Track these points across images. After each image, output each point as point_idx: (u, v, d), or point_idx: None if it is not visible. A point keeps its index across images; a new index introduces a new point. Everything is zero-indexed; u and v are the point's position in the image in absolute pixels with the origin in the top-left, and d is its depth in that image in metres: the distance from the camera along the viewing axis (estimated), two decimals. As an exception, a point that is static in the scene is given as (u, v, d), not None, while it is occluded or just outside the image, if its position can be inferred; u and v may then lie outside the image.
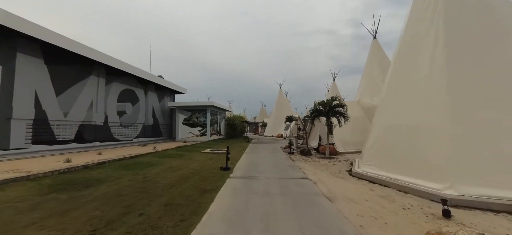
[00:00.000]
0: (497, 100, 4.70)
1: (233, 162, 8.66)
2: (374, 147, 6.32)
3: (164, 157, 9.37)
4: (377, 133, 6.42)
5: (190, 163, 8.35)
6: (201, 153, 10.98)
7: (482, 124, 4.64)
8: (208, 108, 19.95)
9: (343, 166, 8.06)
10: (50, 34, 9.66)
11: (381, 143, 6.14)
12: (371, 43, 15.22)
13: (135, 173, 6.52)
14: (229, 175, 6.41)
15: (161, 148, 12.37)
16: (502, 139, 4.44)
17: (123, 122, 15.29)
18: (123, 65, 14.10)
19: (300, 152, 11.12)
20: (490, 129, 4.57)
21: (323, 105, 9.42)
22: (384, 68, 14.18)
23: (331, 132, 9.23)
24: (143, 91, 17.66)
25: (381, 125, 6.38)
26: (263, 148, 14.19)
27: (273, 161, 9.00)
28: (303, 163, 8.64)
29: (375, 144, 6.33)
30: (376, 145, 6.29)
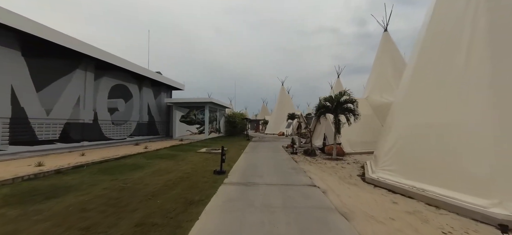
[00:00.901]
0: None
1: (230, 163, 7.76)
2: (394, 150, 5.38)
3: (153, 158, 8.48)
4: (397, 132, 5.48)
5: (182, 165, 7.46)
6: (196, 153, 10.09)
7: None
8: (207, 104, 19.04)
9: (353, 169, 7.13)
10: (26, 22, 8.72)
11: (403, 145, 5.20)
12: (382, 36, 14.16)
13: (115, 179, 5.63)
14: (223, 180, 5.51)
15: (154, 147, 11.49)
16: None
17: (115, 120, 14.42)
18: (113, 58, 13.17)
19: (304, 152, 10.20)
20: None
21: (330, 101, 8.46)
22: (396, 63, 13.20)
23: (339, 131, 8.30)
24: (137, 86, 16.76)
25: (403, 124, 5.42)
26: (264, 147, 13.28)
27: (274, 162, 8.09)
28: (308, 165, 7.72)
29: (395, 146, 5.39)
30: (396, 147, 5.35)
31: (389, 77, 12.81)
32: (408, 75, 6.04)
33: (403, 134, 5.34)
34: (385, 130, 6.82)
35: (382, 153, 5.77)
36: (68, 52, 10.78)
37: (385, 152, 5.62)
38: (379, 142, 7.17)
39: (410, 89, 5.67)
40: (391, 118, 6.71)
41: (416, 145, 4.90)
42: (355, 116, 8.28)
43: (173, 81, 20.97)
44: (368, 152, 10.51)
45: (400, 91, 6.62)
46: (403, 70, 13.37)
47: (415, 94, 5.45)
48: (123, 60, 14.04)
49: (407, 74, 6.28)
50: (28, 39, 9.14)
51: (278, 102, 33.71)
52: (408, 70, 6.22)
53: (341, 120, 8.35)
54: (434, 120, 4.69)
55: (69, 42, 10.49)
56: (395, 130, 5.62)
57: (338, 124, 8.26)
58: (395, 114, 6.09)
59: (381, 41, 14.11)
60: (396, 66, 13.03)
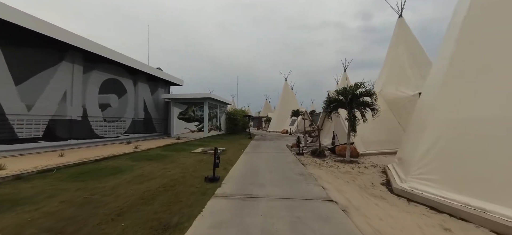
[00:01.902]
0: None
1: (227, 166, 6.67)
2: (433, 153, 4.18)
3: (140, 160, 7.44)
4: (436, 131, 4.27)
5: (170, 168, 6.39)
6: (191, 154, 9.02)
7: None
8: (206, 100, 17.97)
9: (374, 175, 5.95)
10: (2, 8, 7.73)
11: (447, 147, 4.01)
12: (396, 23, 12.79)
13: (83, 188, 4.59)
14: (215, 190, 4.42)
15: (145, 147, 10.48)
16: None
17: (107, 117, 13.45)
18: (103, 50, 12.15)
19: (311, 152, 9.04)
20: None
21: (343, 94, 7.26)
22: (413, 52, 11.86)
23: (354, 129, 7.10)
24: (132, 81, 15.75)
25: (445, 120, 4.21)
26: (267, 147, 12.15)
27: (278, 165, 6.96)
28: (318, 169, 6.57)
29: (434, 148, 4.19)
30: (436, 149, 4.16)
31: (405, 67, 11.49)
32: (446, 63, 4.79)
33: (445, 132, 4.13)
34: (413, 129, 5.61)
35: (414, 157, 4.57)
36: (52, 43, 9.78)
37: (420, 156, 4.42)
38: (404, 143, 5.98)
39: (450, 77, 4.44)
40: (420, 113, 5.50)
41: (467, 146, 3.70)
42: (373, 111, 7.07)
43: (171, 76, 19.93)
44: (384, 152, 9.31)
45: (432, 81, 5.40)
46: (422, 60, 12.13)
47: (460, 83, 4.23)
48: (115, 52, 13.02)
49: (442, 62, 5.04)
50: (4, 27, 8.14)
51: (281, 98, 32.46)
52: (442, 52, 4.98)
53: (356, 117, 7.15)
54: (494, 113, 3.48)
55: (53, 31, 9.48)
56: (432, 129, 4.41)
57: (354, 121, 7.06)
58: (429, 109, 4.86)
59: (396, 28, 12.74)
60: (413, 55, 11.70)
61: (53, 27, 9.49)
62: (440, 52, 5.57)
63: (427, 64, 11.73)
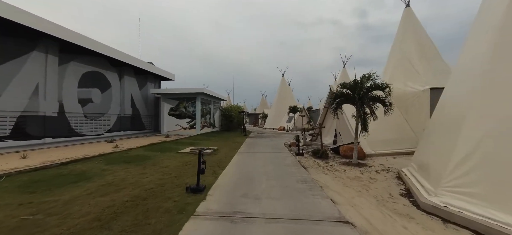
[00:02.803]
0: None
1: (217, 170, 5.72)
2: (474, 160, 3.31)
3: (116, 162, 6.41)
4: (480, 132, 3.38)
5: (148, 174, 5.39)
6: (177, 154, 8.01)
7: None
8: (199, 96, 16.88)
9: (389, 182, 5.07)
10: None
11: (496, 153, 3.12)
12: (403, 13, 11.90)
13: (28, 202, 3.58)
14: (197, 206, 3.47)
15: (128, 146, 9.42)
16: None
17: (89, 113, 12.28)
18: (82, 39, 10.94)
19: (312, 153, 8.14)
20: None
21: (351, 88, 6.33)
22: (422, 44, 10.99)
23: (365, 128, 6.19)
24: (117, 75, 14.54)
25: (493, 117, 3.31)
26: (263, 145, 11.22)
27: (276, 170, 6.03)
28: (322, 174, 5.67)
29: (475, 154, 3.31)
30: (478, 155, 3.28)
31: (414, 61, 10.64)
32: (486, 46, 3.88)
33: (492, 133, 3.24)
34: (438, 128, 4.73)
35: (447, 163, 3.68)
36: (19, 30, 8.58)
37: (455, 162, 3.53)
38: (425, 144, 5.11)
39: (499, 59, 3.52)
40: (448, 110, 4.62)
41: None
42: (386, 108, 6.18)
43: (162, 70, 18.73)
44: (392, 153, 8.50)
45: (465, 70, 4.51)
46: (431, 53, 11.29)
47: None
48: (96, 42, 11.80)
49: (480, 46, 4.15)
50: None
51: (278, 94, 31.53)
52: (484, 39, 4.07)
53: (367, 113, 6.23)
54: None
55: (19, 17, 8.27)
56: (472, 128, 3.51)
57: (364, 118, 6.15)
58: (464, 104, 3.96)
59: (403, 19, 11.86)
60: (422, 48, 10.85)
61: (21, 13, 8.28)
62: (472, 37, 4.67)
63: (436, 57, 10.94)
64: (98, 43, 11.90)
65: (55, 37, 9.74)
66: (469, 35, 4.82)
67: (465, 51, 4.73)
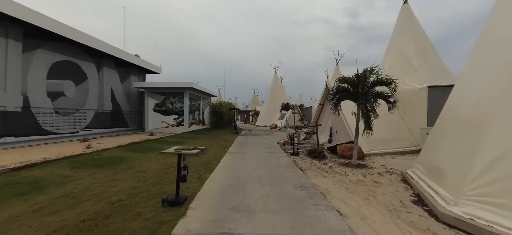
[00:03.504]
0: None
1: (204, 173, 4.99)
2: (503, 166, 2.79)
3: (83, 167, 5.48)
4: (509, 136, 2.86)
5: (120, 180, 4.55)
6: (159, 155, 7.15)
7: None
8: (186, 90, 15.88)
9: (395, 186, 4.56)
10: None
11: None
12: (401, 9, 11.53)
13: None
14: (174, 226, 2.74)
15: (103, 146, 8.42)
16: None
17: (60, 108, 11.03)
18: (50, 23, 9.67)
19: (308, 153, 7.57)
20: None
21: (352, 83, 5.75)
22: (419, 41, 10.66)
23: (369, 126, 5.65)
24: (95, 66, 13.26)
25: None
26: (255, 144, 10.55)
27: (271, 173, 5.37)
28: (322, 177, 5.08)
29: (506, 159, 2.80)
30: (507, 163, 2.76)
31: (412, 58, 10.30)
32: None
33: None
34: (451, 128, 4.24)
35: (470, 168, 3.17)
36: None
37: (481, 169, 3.01)
38: (435, 145, 4.62)
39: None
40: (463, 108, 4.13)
41: None
42: (390, 105, 5.66)
43: (146, 62, 17.49)
44: (390, 152, 8.11)
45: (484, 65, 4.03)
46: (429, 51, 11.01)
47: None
48: (67, 27, 10.52)
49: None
50: None
51: (271, 91, 30.90)
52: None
53: (371, 111, 5.68)
54: None
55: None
56: (501, 129, 3.00)
57: (367, 116, 5.61)
58: (486, 101, 3.46)
59: (400, 16, 11.50)
60: (420, 45, 10.54)
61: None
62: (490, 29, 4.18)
63: (434, 55, 10.68)
64: (69, 28, 10.64)
65: (17, 19, 8.49)
66: (485, 33, 4.32)
67: (481, 50, 4.24)
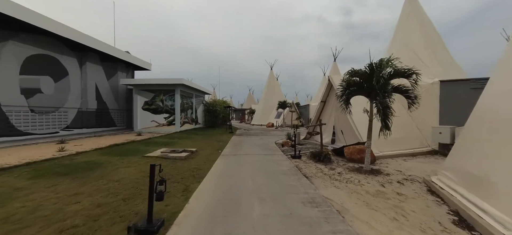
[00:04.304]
0: None
1: (191, 183, 4.13)
2: None
3: (46, 175, 4.53)
4: None
5: (85, 195, 3.64)
6: (142, 159, 6.22)
7: None
8: (178, 87, 14.89)
9: (422, 198, 3.78)
10: None
11: None
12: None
13: None
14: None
15: (81, 148, 7.44)
16: None
17: (37, 106, 9.95)
18: (26, 13, 8.59)
19: (312, 155, 6.75)
20: None
21: (365, 76, 4.94)
22: (426, 32, 9.96)
23: (387, 126, 4.87)
24: (77, 61, 12.17)
25: None
26: (251, 145, 9.70)
27: (271, 182, 4.54)
28: (332, 186, 4.27)
29: None
30: None
31: (419, 51, 9.59)
32: None
33: None
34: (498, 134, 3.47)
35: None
36: None
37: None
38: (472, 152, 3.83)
39: None
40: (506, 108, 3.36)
41: None
42: (410, 101, 4.88)
43: (135, 57, 16.41)
44: (401, 154, 7.38)
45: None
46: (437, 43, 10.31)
47: None
48: (43, 17, 9.44)
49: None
50: None
51: (266, 89, 30.06)
52: None
53: (389, 107, 4.88)
54: None
55: None
56: None
57: (385, 114, 4.82)
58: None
59: (405, 4, 10.78)
60: (428, 37, 9.84)
61: None
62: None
63: (442, 48, 10.00)
64: (46, 19, 9.56)
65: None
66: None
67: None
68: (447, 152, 7.94)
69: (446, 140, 7.70)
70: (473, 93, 7.97)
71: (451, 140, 7.61)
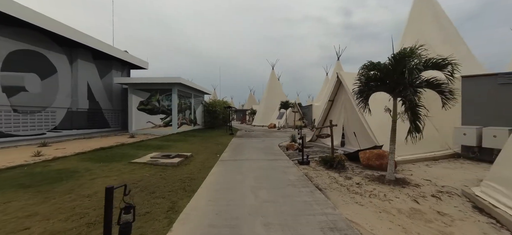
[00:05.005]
0: None
1: (179, 199, 3.34)
2: None
3: (3, 188, 3.74)
4: None
5: (41, 216, 2.84)
6: (127, 166, 5.41)
7: None
8: (175, 86, 14.11)
9: (473, 221, 2.95)
10: None
11: None
12: (420, -14, 10.01)
13: None
14: None
15: (62, 152, 6.65)
16: None
17: (20, 106, 9.20)
18: (5, 3, 7.85)
19: (322, 161, 5.91)
20: None
21: (386, 71, 4.11)
22: (443, 25, 9.14)
23: (417, 128, 4.05)
24: (67, 58, 11.42)
25: None
26: (253, 149, 8.89)
27: (278, 197, 3.72)
28: (354, 203, 3.45)
29: None
30: None
31: (436, 45, 8.74)
32: None
33: None
34: None
35: None
36: None
37: None
38: None
39: None
40: None
41: None
42: (444, 96, 4.06)
43: (130, 55, 15.68)
44: (420, 159, 6.55)
45: None
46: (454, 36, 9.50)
47: None
48: (28, 10, 8.68)
49: None
50: None
51: (268, 89, 29.24)
52: None
53: (420, 104, 4.06)
54: None
55: None
56: None
57: (415, 113, 4.00)
58: None
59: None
60: (443, 30, 9.02)
61: None
62: None
63: (460, 41, 9.18)
64: (31, 12, 8.80)
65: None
66: None
67: None
68: (472, 155, 7.22)
69: (471, 142, 6.87)
70: (502, 89, 7.17)
71: (477, 142, 6.79)
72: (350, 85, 7.87)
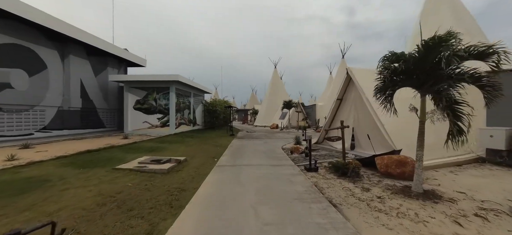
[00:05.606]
0: None
1: (162, 218, 2.66)
2: None
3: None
4: None
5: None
6: (110, 173, 4.75)
7: None
8: (173, 85, 13.47)
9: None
10: None
11: None
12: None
13: None
14: None
15: (43, 155, 6.03)
16: None
17: (5, 104, 8.61)
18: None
19: (333, 168, 5.19)
20: None
21: (412, 61, 3.38)
22: (462, 16, 8.39)
23: (460, 131, 3.34)
24: (58, 53, 10.82)
25: None
26: (254, 152, 8.19)
27: (283, 215, 3.03)
28: (378, 224, 2.74)
29: None
30: None
31: (456, 39, 7.99)
32: None
33: None
34: None
35: None
36: None
37: None
38: None
39: None
40: None
41: None
42: (487, 92, 3.33)
43: (127, 52, 15.07)
44: (444, 164, 5.79)
45: None
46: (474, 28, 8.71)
47: None
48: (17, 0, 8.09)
49: None
50: None
51: (270, 88, 28.54)
52: None
53: (462, 101, 3.34)
54: None
55: None
56: None
57: (456, 112, 3.28)
58: None
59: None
60: (462, 22, 8.25)
61: None
62: None
63: (478, 32, 8.41)
64: (15, 1, 8.19)
65: None
66: None
67: None
68: (500, 160, 6.46)
69: (499, 146, 6.12)
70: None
71: (507, 146, 6.03)
72: (361, 81, 7.15)
